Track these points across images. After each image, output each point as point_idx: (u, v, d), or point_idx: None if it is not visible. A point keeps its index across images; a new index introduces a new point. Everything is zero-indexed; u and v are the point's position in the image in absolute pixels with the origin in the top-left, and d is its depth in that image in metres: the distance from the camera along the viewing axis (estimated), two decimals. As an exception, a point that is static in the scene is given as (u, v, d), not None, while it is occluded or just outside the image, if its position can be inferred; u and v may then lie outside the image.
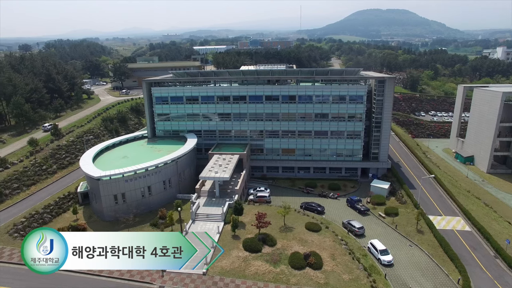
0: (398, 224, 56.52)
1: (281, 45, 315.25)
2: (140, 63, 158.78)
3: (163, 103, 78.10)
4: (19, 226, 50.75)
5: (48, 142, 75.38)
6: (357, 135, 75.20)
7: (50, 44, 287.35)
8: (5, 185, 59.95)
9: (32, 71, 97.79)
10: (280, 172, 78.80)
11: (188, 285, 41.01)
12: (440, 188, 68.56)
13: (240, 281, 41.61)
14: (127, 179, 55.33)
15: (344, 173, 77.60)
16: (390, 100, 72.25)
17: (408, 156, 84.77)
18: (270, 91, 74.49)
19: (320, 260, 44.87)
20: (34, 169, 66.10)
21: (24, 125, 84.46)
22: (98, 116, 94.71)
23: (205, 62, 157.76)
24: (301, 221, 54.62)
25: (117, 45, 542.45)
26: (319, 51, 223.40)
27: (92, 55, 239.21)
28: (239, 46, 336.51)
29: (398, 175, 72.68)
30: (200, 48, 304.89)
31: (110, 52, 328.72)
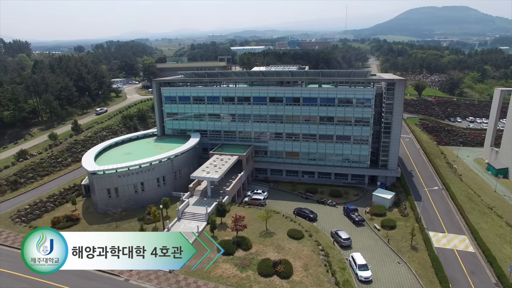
0: (392, 238, 52.62)
1: (319, 46, 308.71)
2: (169, 63, 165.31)
3: (171, 103, 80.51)
4: (22, 213, 55.54)
5: (68, 137, 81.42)
6: (364, 140, 71.27)
7: (99, 46, 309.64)
8: (21, 174, 65.93)
9: (65, 71, 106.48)
10: (284, 175, 77.29)
11: (152, 281, 41.95)
12: (451, 201, 62.55)
13: (202, 282, 41.61)
14: (120, 175, 57.90)
15: (350, 180, 74.03)
16: (400, 104, 67.44)
17: (425, 165, 78.44)
18: (274, 93, 73.35)
19: (290, 269, 43.29)
20: (49, 161, 71.85)
21: (52, 120, 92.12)
22: (119, 114, 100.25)
23: (231, 63, 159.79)
24: (285, 227, 53.15)
25: (164, 45, 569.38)
26: (354, 52, 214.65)
27: (134, 55, 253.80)
28: (277, 47, 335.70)
29: (406, 185, 67.63)
30: (238, 49, 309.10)
31: (154, 52, 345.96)
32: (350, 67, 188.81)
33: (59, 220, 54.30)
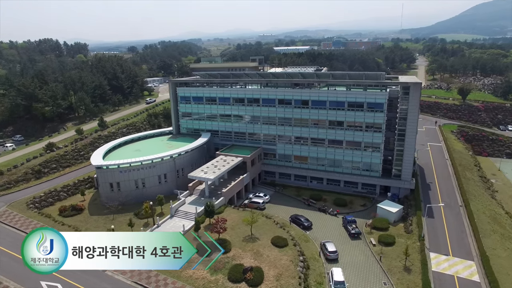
0: (386, 255, 48.51)
1: (366, 46, 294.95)
2: (203, 63, 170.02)
3: (186, 103, 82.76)
4: (36, 200, 61.21)
5: (93, 132, 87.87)
6: (375, 147, 66.66)
7: (148, 46, 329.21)
8: (45, 165, 72.65)
9: (102, 71, 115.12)
10: (292, 179, 75.27)
11: (126, 273, 43.57)
12: (468, 221, 55.81)
13: (171, 281, 42.23)
14: (121, 170, 60.97)
15: (360, 189, 69.76)
16: (415, 110, 61.85)
17: (448, 178, 70.91)
18: (283, 95, 71.74)
19: (261, 277, 42.05)
20: (73, 153, 78.18)
21: (85, 116, 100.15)
22: (145, 112, 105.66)
23: (264, 63, 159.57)
24: (271, 233, 51.76)
25: (214, 45, 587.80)
26: (400, 52, 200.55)
27: (180, 55, 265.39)
28: (322, 47, 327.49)
29: (418, 198, 61.88)
30: (281, 49, 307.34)
31: (201, 52, 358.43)
32: (393, 68, 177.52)
33: (65, 208, 58.88)
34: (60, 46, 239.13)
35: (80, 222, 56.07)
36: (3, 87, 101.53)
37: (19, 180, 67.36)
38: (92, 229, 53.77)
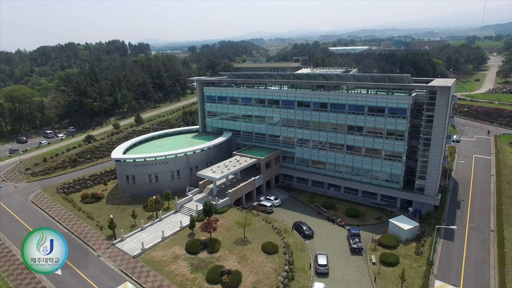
0: (384, 277, 44.09)
1: (432, 45, 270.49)
2: (247, 63, 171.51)
3: (211, 102, 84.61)
4: (65, 186, 68.07)
5: (129, 127, 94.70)
6: (397, 156, 60.91)
7: (204, 46, 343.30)
8: (81, 155, 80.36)
9: (147, 70, 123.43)
10: (309, 185, 72.42)
11: (117, 261, 46.24)
12: (496, 250, 47.95)
13: (153, 273, 43.72)
14: (136, 164, 64.68)
15: (379, 200, 64.41)
16: (442, 116, 54.92)
17: (486, 197, 61.56)
18: (302, 97, 69.33)
19: (237, 282, 41.33)
20: (107, 146, 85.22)
21: (128, 112, 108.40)
22: (181, 109, 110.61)
23: (307, 63, 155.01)
24: (265, 239, 50.54)
25: (275, 45, 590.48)
26: (467, 52, 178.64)
27: (234, 54, 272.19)
28: (382, 47, 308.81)
29: (440, 217, 54.96)
30: (336, 49, 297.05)
31: (258, 52, 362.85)
32: (455, 70, 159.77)
33: (87, 195, 64.49)
34: (125, 47, 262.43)
35: (95, 209, 60.97)
36: (64, 84, 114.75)
37: (58, 167, 75.62)
38: (103, 216, 58.14)
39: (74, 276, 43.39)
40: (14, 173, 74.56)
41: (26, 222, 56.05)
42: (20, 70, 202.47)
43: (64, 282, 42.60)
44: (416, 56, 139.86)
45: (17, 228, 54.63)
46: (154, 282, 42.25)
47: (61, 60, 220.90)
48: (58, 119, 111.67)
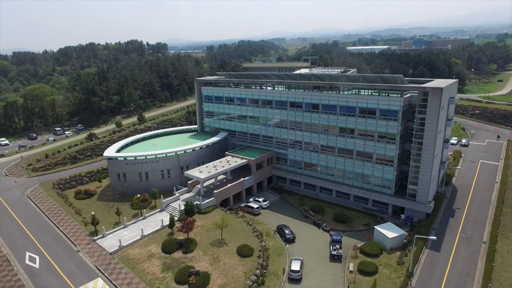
0: (358, 286, 42.32)
1: (456, 44, 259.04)
2: (256, 63, 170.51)
3: (209, 102, 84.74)
4: (62, 181, 70.20)
5: (131, 125, 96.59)
6: (388, 161, 58.47)
7: (222, 45, 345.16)
8: (82, 152, 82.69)
9: (155, 69, 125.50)
10: (301, 187, 71.03)
11: (94, 257, 47.09)
12: (484, 262, 44.87)
13: (125, 271, 44.14)
14: (127, 162, 65.70)
15: (371, 206, 62.14)
16: (434, 119, 52.12)
17: (485, 206, 57.71)
18: (294, 97, 68.03)
19: (205, 284, 41.00)
20: (107, 144, 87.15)
21: (134, 110, 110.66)
22: (186, 109, 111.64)
23: (317, 63, 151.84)
24: (242, 241, 49.91)
25: (295, 44, 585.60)
26: (491, 52, 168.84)
27: (251, 54, 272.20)
28: (402, 46, 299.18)
29: (430, 226, 52.19)
30: (353, 48, 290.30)
31: (276, 51, 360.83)
32: (476, 70, 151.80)
33: (80, 192, 66.22)
34: (143, 46, 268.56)
35: (85, 205, 62.46)
36: (75, 83, 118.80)
37: (58, 163, 78.23)
38: (91, 212, 59.37)
39: (50, 270, 44.56)
40: (17, 168, 77.84)
41: (18, 215, 58.25)
42: (44, 69, 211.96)
43: (39, 275, 43.80)
44: (431, 56, 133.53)
45: (8, 220, 56.84)
46: (124, 279, 42.65)
47: (81, 60, 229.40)
48: (69, 117, 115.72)
